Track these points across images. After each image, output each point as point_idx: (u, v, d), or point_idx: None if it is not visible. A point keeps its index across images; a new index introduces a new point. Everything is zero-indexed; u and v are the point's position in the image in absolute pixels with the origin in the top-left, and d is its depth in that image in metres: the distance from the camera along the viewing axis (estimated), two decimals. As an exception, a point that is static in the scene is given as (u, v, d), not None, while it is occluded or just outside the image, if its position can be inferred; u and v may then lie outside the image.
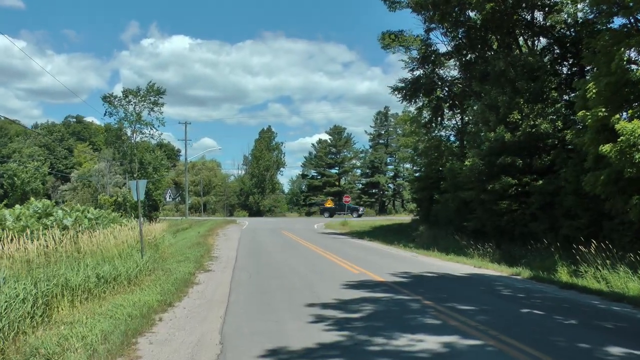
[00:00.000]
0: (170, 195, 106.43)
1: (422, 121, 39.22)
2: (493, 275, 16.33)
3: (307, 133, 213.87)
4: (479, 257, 21.89)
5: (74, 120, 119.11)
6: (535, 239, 22.31)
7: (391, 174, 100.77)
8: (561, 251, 19.00)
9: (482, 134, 26.58)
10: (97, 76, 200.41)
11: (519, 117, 23.49)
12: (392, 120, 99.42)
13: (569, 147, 22.93)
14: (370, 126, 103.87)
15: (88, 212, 22.34)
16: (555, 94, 24.65)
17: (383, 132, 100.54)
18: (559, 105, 24.10)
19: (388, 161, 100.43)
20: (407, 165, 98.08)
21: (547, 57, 25.64)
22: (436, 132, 38.92)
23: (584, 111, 17.86)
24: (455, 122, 38.44)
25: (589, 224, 20.05)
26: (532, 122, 23.13)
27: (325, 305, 10.82)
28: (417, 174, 46.03)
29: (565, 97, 25.02)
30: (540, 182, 22.46)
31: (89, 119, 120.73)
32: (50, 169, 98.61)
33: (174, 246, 26.66)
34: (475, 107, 28.00)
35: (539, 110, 23.44)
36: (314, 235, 37.33)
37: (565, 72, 25.79)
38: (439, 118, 36.94)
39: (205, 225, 45.94)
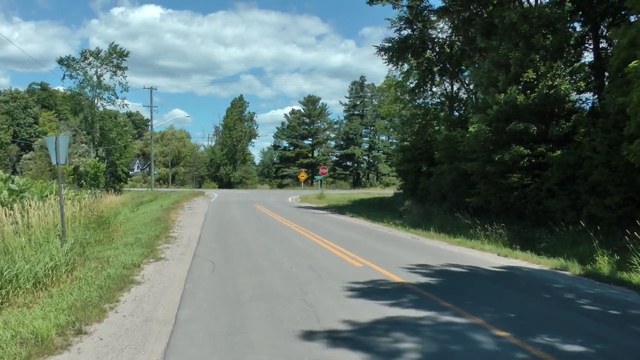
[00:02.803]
0: (138, 166, 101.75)
1: (410, 86, 35.35)
2: (533, 269, 12.39)
3: (279, 105, 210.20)
4: (486, 239, 18.14)
5: (39, 87, 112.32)
6: (551, 219, 18.75)
7: (366, 146, 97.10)
8: (592, 235, 15.32)
9: (485, 97, 22.57)
10: (66, 45, 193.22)
11: (534, 76, 19.61)
12: (368, 90, 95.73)
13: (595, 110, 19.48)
14: (345, 97, 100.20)
15: (12, 181, 17.80)
16: (573, 51, 20.90)
17: (358, 103, 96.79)
18: (578, 64, 20.36)
19: (363, 133, 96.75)
20: (384, 138, 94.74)
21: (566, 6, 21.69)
22: (424, 98, 35.06)
23: (637, 61, 13.95)
24: (444, 88, 34.50)
25: (623, 202, 16.41)
26: (549, 82, 19.24)
27: (332, 338, 6.64)
28: (401, 144, 42.04)
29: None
30: (559, 152, 18.66)
31: (56, 87, 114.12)
32: (13, 137, 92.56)
33: (129, 222, 22.36)
34: (477, 67, 24.00)
35: (558, 68, 19.51)
36: (290, 209, 33.26)
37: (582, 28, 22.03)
38: (429, 83, 33.10)
39: (171, 197, 41.61)
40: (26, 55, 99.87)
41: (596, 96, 21.01)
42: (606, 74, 19.70)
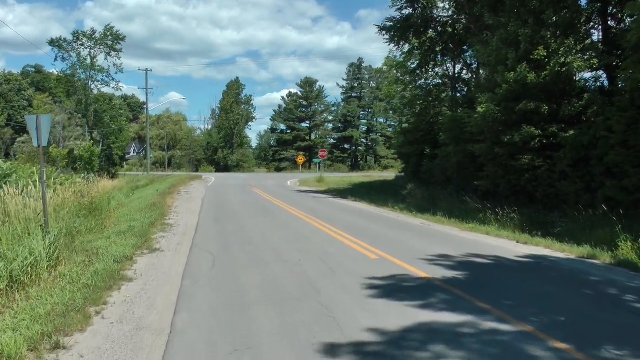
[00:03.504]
0: (134, 150, 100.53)
1: (411, 67, 34.24)
2: (559, 258, 11.39)
3: (276, 88, 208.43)
4: (497, 224, 17.18)
5: (33, 70, 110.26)
6: (564, 202, 17.81)
7: (364, 129, 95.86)
8: (614, 219, 14.38)
9: (493, 76, 21.50)
10: (61, 27, 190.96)
11: (545, 53, 18.51)
12: (366, 73, 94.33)
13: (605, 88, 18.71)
14: (343, 79, 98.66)
15: (-3, 165, 16.68)
16: (584, 28, 19.93)
17: (356, 85, 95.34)
18: (589, 40, 19.38)
19: (361, 115, 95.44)
20: (382, 120, 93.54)
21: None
22: (425, 79, 33.98)
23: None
24: (446, 68, 33.40)
25: (642, 183, 15.52)
26: (561, 60, 18.18)
27: (360, 354, 5.54)
28: (402, 126, 40.98)
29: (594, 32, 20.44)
30: (571, 132, 17.66)
31: (51, 70, 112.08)
32: (7, 120, 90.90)
33: (123, 208, 21.28)
34: (485, 45, 22.85)
35: (570, 45, 18.43)
36: (290, 194, 32.19)
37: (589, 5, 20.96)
38: (431, 63, 32.04)
39: (167, 181, 40.50)
40: (21, 37, 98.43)
41: (604, 75, 20.03)
42: (614, 52, 18.70)
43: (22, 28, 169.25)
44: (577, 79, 19.57)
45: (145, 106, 67.94)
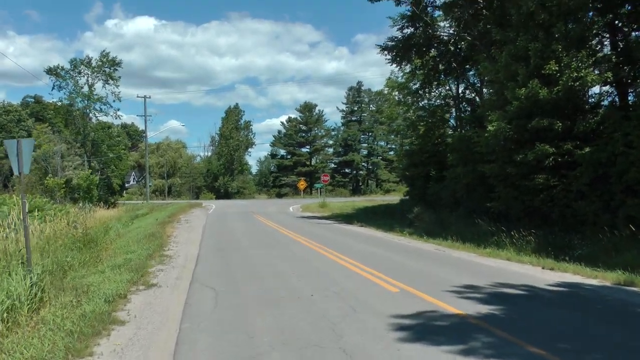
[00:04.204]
0: (134, 178, 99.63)
1: (413, 87, 33.61)
2: (594, 286, 10.38)
3: (274, 114, 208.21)
4: (512, 247, 16.25)
5: (32, 100, 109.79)
6: (581, 222, 16.86)
7: (365, 153, 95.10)
8: (636, 239, 13.51)
9: (504, 93, 20.69)
10: (61, 58, 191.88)
11: (557, 68, 17.66)
12: (365, 96, 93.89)
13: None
14: (342, 102, 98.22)
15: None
16: (595, 42, 19.25)
17: (356, 109, 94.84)
18: (602, 54, 18.62)
19: (361, 139, 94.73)
20: (382, 143, 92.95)
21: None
22: (428, 99, 33.31)
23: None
24: (448, 88, 32.67)
25: (664, 202, 14.72)
26: (574, 74, 17.32)
27: None
28: (405, 149, 40.20)
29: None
30: (587, 149, 16.75)
31: (51, 100, 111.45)
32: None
33: (121, 239, 20.28)
34: (492, 61, 22.08)
35: (583, 58, 17.60)
36: (293, 220, 31.18)
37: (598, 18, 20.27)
38: (434, 82, 31.34)
39: (167, 209, 39.58)
40: (21, 68, 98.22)
41: (615, 89, 19.25)
42: (623, 67, 17.92)
43: (22, 59, 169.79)
44: (590, 94, 18.88)
45: (144, 134, 67.22)
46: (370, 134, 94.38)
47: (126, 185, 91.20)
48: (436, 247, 17.31)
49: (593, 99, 19.06)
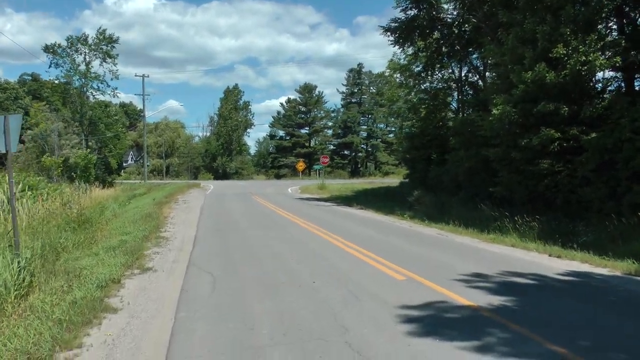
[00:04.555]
0: (132, 157, 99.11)
1: (416, 69, 33.11)
2: (605, 276, 10.00)
3: (274, 95, 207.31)
4: (515, 233, 15.90)
5: (30, 78, 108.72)
6: (586, 209, 16.52)
7: (365, 135, 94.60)
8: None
9: (510, 76, 20.24)
10: (58, 36, 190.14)
11: (565, 51, 17.18)
12: (366, 78, 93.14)
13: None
14: (342, 84, 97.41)
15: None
16: (604, 25, 18.80)
17: (356, 91, 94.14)
18: (611, 38, 18.17)
19: (361, 121, 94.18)
20: (382, 126, 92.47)
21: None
22: (430, 82, 32.80)
23: None
24: (451, 71, 32.17)
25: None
26: (582, 58, 16.84)
27: None
28: (406, 131, 39.81)
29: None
30: (594, 134, 16.35)
31: (49, 78, 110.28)
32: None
33: (117, 219, 19.90)
34: (498, 44, 21.57)
35: (591, 42, 17.11)
36: (292, 202, 30.82)
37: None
38: (437, 65, 30.84)
39: (165, 189, 39.17)
40: (18, 46, 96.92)
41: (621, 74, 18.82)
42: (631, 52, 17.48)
43: (19, 37, 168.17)
44: (597, 78, 18.46)
45: (142, 113, 66.55)
46: (370, 116, 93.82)
47: (124, 164, 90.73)
48: (438, 231, 16.95)
49: (600, 84, 18.64)
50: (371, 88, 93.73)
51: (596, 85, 18.50)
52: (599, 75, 18.56)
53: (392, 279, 9.48)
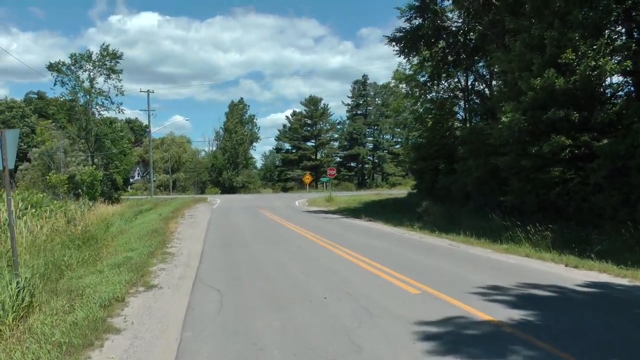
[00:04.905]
0: (138, 173, 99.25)
1: (421, 79, 32.93)
2: (627, 286, 9.55)
3: (279, 109, 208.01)
4: (527, 242, 15.58)
5: (36, 97, 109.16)
6: (598, 216, 16.14)
7: (371, 146, 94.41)
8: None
9: (518, 83, 19.95)
10: (64, 54, 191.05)
11: (574, 56, 16.89)
12: (371, 89, 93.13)
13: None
14: (348, 96, 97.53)
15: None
16: (612, 29, 18.52)
17: (361, 102, 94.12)
18: (620, 42, 17.87)
19: (367, 133, 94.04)
20: (388, 137, 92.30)
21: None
22: (436, 91, 32.55)
23: None
24: (457, 80, 31.93)
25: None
26: (592, 63, 16.54)
27: None
28: (412, 142, 39.60)
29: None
30: (606, 141, 16.02)
31: (54, 96, 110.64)
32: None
33: (123, 235, 19.63)
34: (506, 51, 21.32)
35: (601, 46, 16.82)
36: (300, 215, 30.50)
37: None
38: (443, 74, 30.60)
39: (171, 205, 38.93)
40: (24, 65, 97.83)
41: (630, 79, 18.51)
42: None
43: (25, 56, 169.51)
44: (607, 83, 18.16)
45: (148, 129, 66.58)
46: (375, 127, 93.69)
47: (131, 180, 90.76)
48: (450, 242, 16.62)
49: (610, 89, 18.35)
50: (376, 99, 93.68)
51: (606, 91, 18.18)
52: (609, 80, 18.30)
53: (406, 293, 9.12)
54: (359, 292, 9.24)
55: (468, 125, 28.89)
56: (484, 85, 30.08)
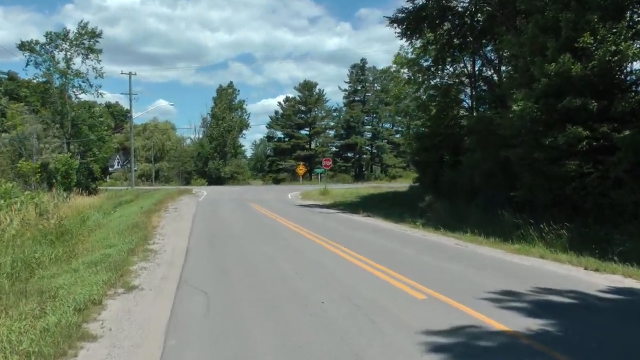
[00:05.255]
0: (118, 162, 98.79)
1: (425, 64, 32.75)
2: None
3: (271, 94, 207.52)
4: (540, 241, 15.47)
5: (6, 77, 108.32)
6: (619, 214, 15.95)
7: (369, 135, 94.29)
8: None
9: (530, 68, 19.79)
10: (38, 31, 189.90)
11: (592, 40, 16.72)
12: (370, 74, 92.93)
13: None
14: (345, 82, 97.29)
15: None
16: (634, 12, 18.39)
17: (360, 88, 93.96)
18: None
19: (365, 121, 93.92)
20: (388, 125, 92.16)
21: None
22: (441, 77, 32.39)
23: None
24: (463, 65, 31.79)
25: None
26: (612, 48, 16.37)
27: None
28: (414, 131, 39.46)
29: None
30: (627, 132, 15.88)
31: (27, 77, 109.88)
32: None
33: (100, 230, 19.42)
34: (517, 33, 21.17)
35: (622, 29, 16.67)
36: (293, 209, 30.43)
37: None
38: (448, 59, 30.41)
39: (154, 196, 38.77)
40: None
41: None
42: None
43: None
44: (629, 70, 18.02)
45: (129, 114, 66.17)
46: (374, 115, 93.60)
47: (110, 169, 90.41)
48: (456, 241, 16.49)
49: (632, 76, 18.20)
50: (376, 85, 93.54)
51: (628, 78, 18.01)
52: (631, 66, 18.16)
53: (412, 298, 8.92)
54: (360, 297, 9.02)
55: (475, 113, 28.72)
56: (493, 71, 29.92)
